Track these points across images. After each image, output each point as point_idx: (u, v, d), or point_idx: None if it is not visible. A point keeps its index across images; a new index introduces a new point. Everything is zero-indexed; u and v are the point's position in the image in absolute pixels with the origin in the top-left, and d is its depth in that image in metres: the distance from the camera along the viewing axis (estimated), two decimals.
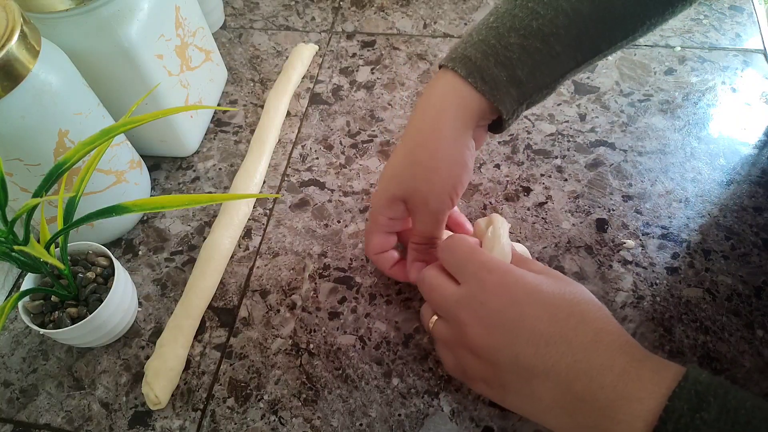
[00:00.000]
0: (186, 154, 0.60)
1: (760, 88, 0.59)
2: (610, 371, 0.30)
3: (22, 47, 0.39)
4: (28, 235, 0.38)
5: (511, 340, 0.32)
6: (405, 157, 0.41)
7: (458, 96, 0.39)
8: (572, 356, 0.31)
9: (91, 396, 0.45)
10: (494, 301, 0.33)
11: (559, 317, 0.32)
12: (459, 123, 0.39)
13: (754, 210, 0.50)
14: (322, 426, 0.42)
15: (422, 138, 0.40)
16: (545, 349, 0.31)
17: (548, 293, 0.33)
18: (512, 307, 0.33)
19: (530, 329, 0.32)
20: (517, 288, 0.34)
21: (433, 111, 0.40)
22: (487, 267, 0.35)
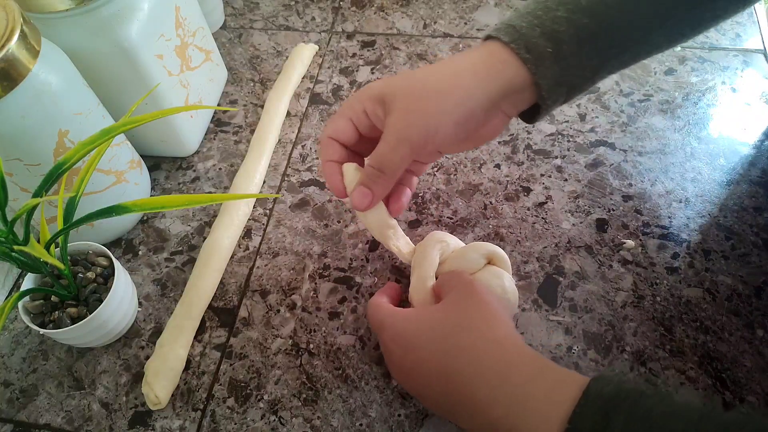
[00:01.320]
0: (186, 154, 0.60)
1: (760, 88, 0.59)
2: (495, 404, 0.32)
3: (22, 47, 0.39)
4: (28, 235, 0.38)
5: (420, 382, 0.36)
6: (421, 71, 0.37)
7: (497, 60, 0.36)
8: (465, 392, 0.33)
9: (91, 396, 0.45)
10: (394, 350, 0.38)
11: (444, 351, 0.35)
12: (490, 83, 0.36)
13: (754, 210, 0.50)
14: (322, 426, 0.42)
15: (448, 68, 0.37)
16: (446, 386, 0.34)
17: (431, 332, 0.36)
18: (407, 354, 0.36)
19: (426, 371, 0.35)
20: (405, 336, 0.37)
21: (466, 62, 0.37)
22: (380, 325, 0.39)
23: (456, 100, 0.35)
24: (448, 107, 0.35)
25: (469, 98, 0.36)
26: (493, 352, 0.34)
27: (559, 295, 0.47)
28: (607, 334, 0.44)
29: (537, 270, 0.48)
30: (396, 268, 0.50)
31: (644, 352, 0.43)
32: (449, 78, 0.36)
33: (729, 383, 0.41)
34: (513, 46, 0.35)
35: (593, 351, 0.44)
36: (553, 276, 0.48)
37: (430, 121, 0.35)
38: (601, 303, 0.46)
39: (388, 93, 0.37)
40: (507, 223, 0.51)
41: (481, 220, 0.52)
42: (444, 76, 0.36)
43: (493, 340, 0.34)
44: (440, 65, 0.37)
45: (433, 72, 0.37)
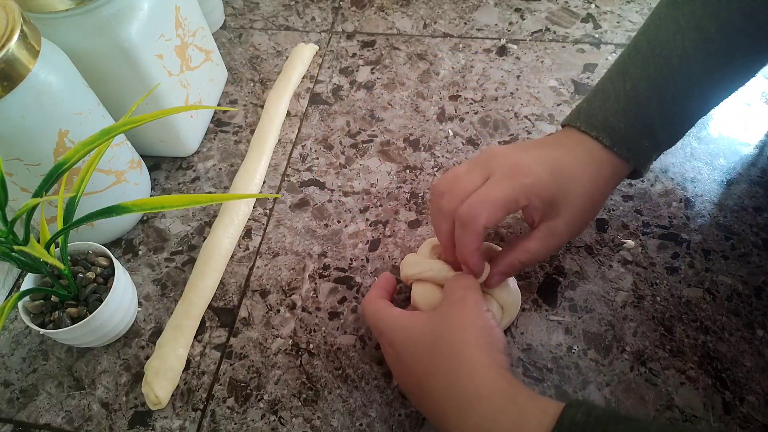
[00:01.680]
0: (186, 154, 0.60)
1: (760, 88, 0.59)
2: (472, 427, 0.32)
3: (22, 47, 0.39)
4: (28, 235, 0.38)
5: (409, 391, 0.38)
6: (556, 169, 0.39)
7: (602, 162, 0.41)
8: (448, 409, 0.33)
9: (91, 396, 0.45)
10: (387, 357, 0.39)
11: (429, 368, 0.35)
12: (609, 185, 0.42)
13: (754, 210, 0.50)
14: (322, 426, 0.42)
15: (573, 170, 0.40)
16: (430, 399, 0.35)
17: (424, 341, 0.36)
18: (400, 364, 0.38)
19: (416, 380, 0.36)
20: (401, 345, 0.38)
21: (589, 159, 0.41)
22: (379, 333, 0.40)
23: (597, 210, 0.43)
24: (594, 213, 0.43)
25: (601, 206, 0.44)
26: (465, 379, 0.33)
27: (559, 295, 0.47)
28: (607, 334, 0.44)
29: (537, 270, 0.48)
30: (396, 268, 0.50)
31: (644, 352, 0.43)
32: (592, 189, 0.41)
33: (729, 383, 0.41)
34: (616, 150, 0.41)
35: (593, 351, 0.44)
36: (553, 276, 0.48)
37: (579, 229, 0.43)
38: (601, 303, 0.46)
39: (559, 197, 0.40)
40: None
41: None
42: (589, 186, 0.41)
43: (468, 365, 0.34)
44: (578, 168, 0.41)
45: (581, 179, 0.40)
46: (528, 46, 0.66)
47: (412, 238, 0.51)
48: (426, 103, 0.62)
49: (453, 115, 0.60)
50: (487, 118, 0.60)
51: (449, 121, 0.60)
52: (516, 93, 0.61)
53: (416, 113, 0.61)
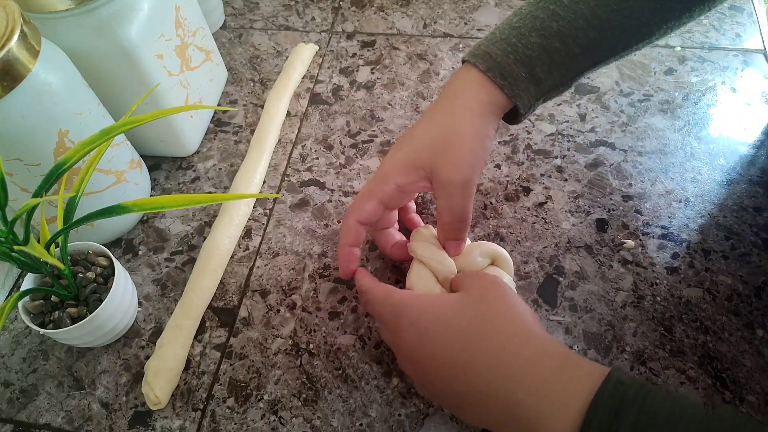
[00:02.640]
0: (186, 154, 0.60)
1: (760, 88, 0.59)
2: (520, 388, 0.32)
3: (22, 47, 0.39)
4: (28, 235, 0.38)
5: (435, 373, 0.35)
6: (430, 129, 0.41)
7: (478, 87, 0.41)
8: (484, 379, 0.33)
9: (91, 396, 0.45)
10: (408, 340, 0.37)
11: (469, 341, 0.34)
12: (479, 109, 0.41)
13: (754, 210, 0.50)
14: (322, 426, 0.42)
15: (447, 117, 0.41)
16: (463, 377, 0.34)
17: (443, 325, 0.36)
18: (426, 342, 0.36)
19: (444, 361, 0.35)
20: (429, 324, 0.36)
21: (456, 98, 0.41)
22: (396, 313, 0.38)
23: (476, 140, 0.41)
24: (478, 151, 0.41)
25: (483, 140, 0.41)
26: (515, 346, 0.33)
27: (559, 295, 0.47)
28: (607, 334, 0.44)
29: (537, 270, 0.48)
30: (396, 267, 0.50)
31: (644, 352, 0.43)
32: (461, 121, 0.41)
33: (729, 383, 0.41)
34: (489, 75, 0.40)
35: (593, 351, 0.44)
36: (553, 276, 0.48)
37: (473, 160, 0.40)
38: (601, 303, 0.46)
39: (420, 161, 0.41)
40: (507, 223, 0.51)
41: (481, 220, 0.52)
42: (455, 119, 0.41)
43: (515, 334, 0.34)
44: (441, 105, 0.42)
45: (444, 121, 0.41)
46: None
47: None
48: (426, 103, 0.62)
49: None
50: None
51: None
52: None
53: (416, 113, 0.61)
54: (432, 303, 0.37)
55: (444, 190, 0.41)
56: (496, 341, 0.34)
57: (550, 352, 0.33)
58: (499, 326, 0.35)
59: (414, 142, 0.42)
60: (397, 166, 0.42)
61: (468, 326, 0.35)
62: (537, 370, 0.32)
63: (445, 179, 0.40)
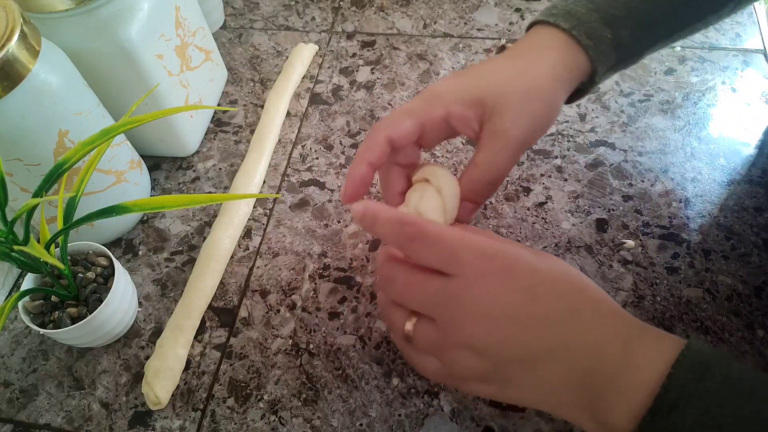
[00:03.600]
0: (186, 154, 0.60)
1: (760, 88, 0.59)
2: (615, 339, 0.29)
3: (22, 47, 0.39)
4: (28, 235, 0.38)
5: (521, 328, 0.29)
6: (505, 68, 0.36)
7: (561, 47, 0.36)
8: (580, 329, 0.29)
9: (91, 396, 0.45)
10: (499, 289, 0.29)
11: (563, 294, 0.30)
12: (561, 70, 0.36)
13: (754, 210, 0.50)
14: (322, 426, 0.42)
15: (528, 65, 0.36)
16: (555, 328, 0.29)
17: (547, 270, 0.30)
18: (522, 294, 0.29)
19: (542, 313, 0.29)
20: (523, 271, 0.30)
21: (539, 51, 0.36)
22: (488, 253, 0.30)
23: (549, 98, 0.36)
24: (548, 112, 0.36)
25: (560, 95, 0.36)
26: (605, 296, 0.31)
27: None
28: None
29: None
30: None
31: None
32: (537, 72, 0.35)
33: None
34: (574, 33, 0.35)
35: None
36: None
37: (541, 124, 0.36)
38: None
39: (489, 97, 0.34)
40: (507, 223, 0.51)
41: (481, 219, 0.52)
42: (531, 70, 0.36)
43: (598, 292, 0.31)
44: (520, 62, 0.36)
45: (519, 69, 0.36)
46: None
47: None
48: None
49: None
50: None
51: None
52: None
53: None
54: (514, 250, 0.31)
55: (496, 141, 0.34)
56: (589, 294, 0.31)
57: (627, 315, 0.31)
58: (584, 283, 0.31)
59: (484, 75, 0.36)
60: (458, 92, 0.35)
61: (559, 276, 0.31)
62: (627, 326, 0.30)
63: (504, 129, 0.34)
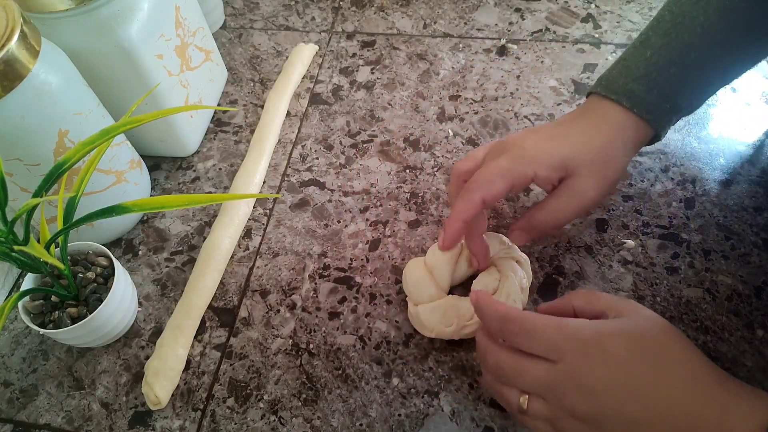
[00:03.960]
0: (186, 154, 0.60)
1: (760, 88, 0.59)
2: (712, 407, 0.30)
3: (22, 47, 0.39)
4: (28, 235, 0.38)
5: (620, 401, 0.32)
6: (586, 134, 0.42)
7: (627, 123, 0.42)
8: (674, 400, 0.31)
9: (91, 396, 0.45)
10: (599, 371, 0.32)
11: (659, 366, 0.32)
12: (629, 143, 0.43)
13: (754, 210, 0.50)
14: (322, 426, 0.42)
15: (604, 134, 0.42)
16: (652, 401, 0.31)
17: (643, 343, 0.33)
18: (618, 371, 0.32)
19: (637, 386, 0.32)
20: (616, 349, 0.33)
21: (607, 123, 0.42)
22: (583, 339, 0.33)
23: (618, 167, 0.42)
24: (618, 175, 0.42)
25: (623, 164, 0.43)
26: (705, 362, 0.32)
27: (559, 295, 0.47)
28: None
29: (537, 270, 0.48)
30: (396, 267, 0.50)
31: None
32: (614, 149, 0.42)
33: None
34: (635, 111, 0.42)
35: None
36: (553, 276, 0.48)
37: (607, 187, 0.42)
38: None
39: (572, 161, 0.41)
40: (507, 223, 0.51)
41: None
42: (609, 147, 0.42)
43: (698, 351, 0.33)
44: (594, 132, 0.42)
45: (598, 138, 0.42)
46: (528, 46, 0.66)
47: (412, 238, 0.52)
48: (426, 103, 0.62)
49: (453, 115, 0.60)
50: (487, 118, 0.60)
51: (449, 121, 0.60)
52: (516, 93, 0.61)
53: (416, 113, 0.61)
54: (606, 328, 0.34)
55: (570, 195, 0.41)
56: (686, 360, 0.32)
57: (725, 375, 0.32)
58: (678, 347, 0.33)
59: (569, 141, 0.41)
60: (548, 157, 0.40)
61: (652, 347, 0.33)
62: (723, 391, 0.31)
63: (581, 189, 0.41)
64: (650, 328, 0.34)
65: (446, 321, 0.42)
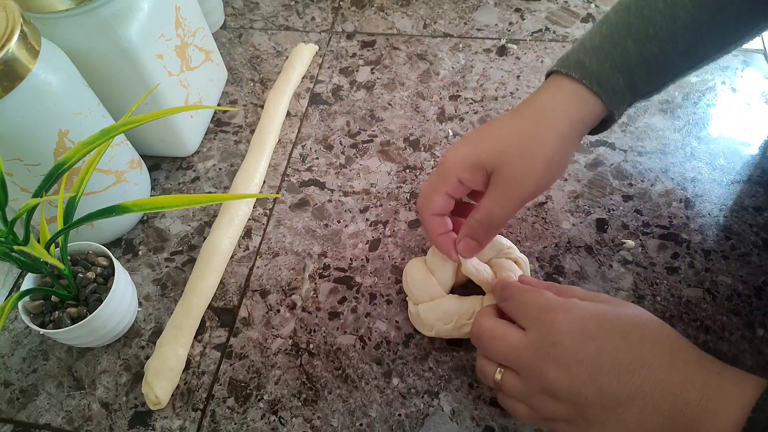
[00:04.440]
0: (186, 154, 0.60)
1: (760, 88, 0.59)
2: (692, 387, 0.30)
3: (22, 47, 0.39)
4: (28, 235, 0.38)
5: (593, 375, 0.32)
6: (508, 129, 0.40)
7: (570, 99, 0.39)
8: (654, 378, 0.31)
9: (91, 396, 0.45)
10: (567, 340, 0.33)
11: (633, 342, 0.32)
12: (567, 124, 0.39)
13: (754, 210, 0.50)
14: (322, 426, 0.42)
15: (531, 123, 0.40)
16: (627, 376, 0.31)
17: (617, 321, 0.33)
18: (588, 343, 0.32)
19: (610, 361, 0.32)
20: (586, 322, 0.33)
21: (543, 107, 0.40)
22: (551, 307, 0.34)
23: (553, 158, 0.39)
24: (552, 170, 0.40)
25: (565, 151, 0.40)
26: (684, 344, 0.33)
27: None
28: None
29: (537, 270, 0.48)
30: (396, 268, 0.50)
31: None
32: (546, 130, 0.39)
33: None
34: (585, 82, 0.38)
35: None
36: (553, 276, 0.48)
37: (539, 181, 0.39)
38: None
39: (487, 160, 0.39)
40: (507, 223, 0.51)
41: None
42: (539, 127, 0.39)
43: (679, 340, 0.33)
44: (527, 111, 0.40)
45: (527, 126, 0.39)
46: (528, 46, 0.66)
47: (412, 238, 0.52)
48: (426, 103, 0.62)
49: (453, 115, 0.60)
50: (487, 118, 0.60)
51: (449, 121, 0.60)
52: (516, 93, 0.61)
53: (416, 113, 0.61)
54: (579, 303, 0.35)
55: (498, 191, 0.40)
56: (666, 340, 0.33)
57: (708, 357, 0.32)
58: (664, 329, 0.34)
59: (484, 141, 0.40)
60: (461, 162, 0.40)
61: (628, 327, 0.33)
62: (704, 372, 0.31)
63: (505, 182, 0.39)
64: (626, 310, 0.34)
65: (446, 318, 0.43)
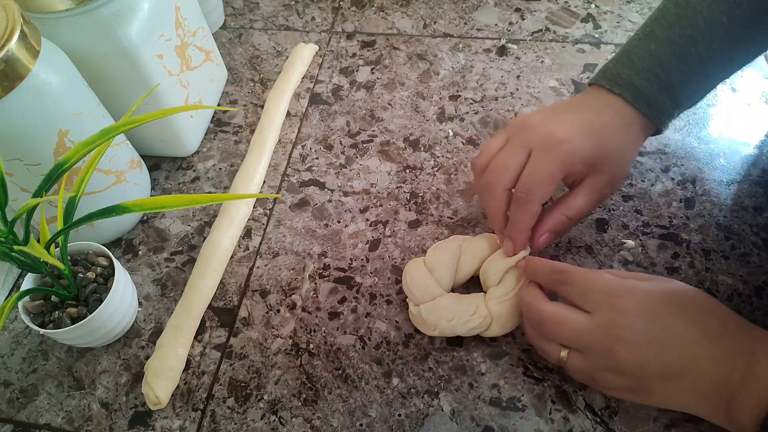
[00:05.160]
0: (186, 154, 0.60)
1: (760, 88, 0.59)
2: (740, 353, 0.34)
3: (22, 47, 0.39)
4: (28, 235, 0.38)
5: (659, 352, 0.35)
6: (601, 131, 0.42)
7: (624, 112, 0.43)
8: (710, 348, 0.34)
9: (91, 396, 0.45)
10: (636, 322, 0.35)
11: (689, 316, 0.35)
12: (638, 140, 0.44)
13: (754, 210, 0.50)
14: (322, 426, 0.42)
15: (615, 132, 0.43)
16: (687, 348, 0.34)
17: (673, 297, 0.36)
18: (654, 323, 0.35)
19: (673, 336, 0.35)
20: (649, 302, 0.36)
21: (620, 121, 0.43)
22: (614, 290, 0.37)
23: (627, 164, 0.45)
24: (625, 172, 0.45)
25: (632, 161, 0.46)
26: (728, 312, 0.36)
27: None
28: None
29: None
30: (396, 267, 0.50)
31: None
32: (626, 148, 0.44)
33: None
34: (637, 106, 0.42)
35: None
36: None
37: (617, 184, 0.45)
38: None
39: (598, 159, 0.42)
40: None
41: (481, 220, 0.52)
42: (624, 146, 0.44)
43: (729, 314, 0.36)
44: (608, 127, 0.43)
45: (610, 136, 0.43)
46: (528, 46, 0.66)
47: (412, 238, 0.52)
48: (426, 103, 0.62)
49: (453, 115, 0.60)
50: (487, 118, 0.60)
51: (449, 121, 0.60)
52: (516, 93, 0.61)
53: (416, 113, 0.61)
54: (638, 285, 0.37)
55: (594, 191, 0.43)
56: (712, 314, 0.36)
57: (751, 325, 0.36)
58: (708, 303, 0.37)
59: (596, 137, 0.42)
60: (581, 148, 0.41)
61: (685, 303, 0.36)
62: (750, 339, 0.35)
63: (601, 186, 0.43)
64: (674, 285, 0.37)
65: (448, 316, 0.43)
